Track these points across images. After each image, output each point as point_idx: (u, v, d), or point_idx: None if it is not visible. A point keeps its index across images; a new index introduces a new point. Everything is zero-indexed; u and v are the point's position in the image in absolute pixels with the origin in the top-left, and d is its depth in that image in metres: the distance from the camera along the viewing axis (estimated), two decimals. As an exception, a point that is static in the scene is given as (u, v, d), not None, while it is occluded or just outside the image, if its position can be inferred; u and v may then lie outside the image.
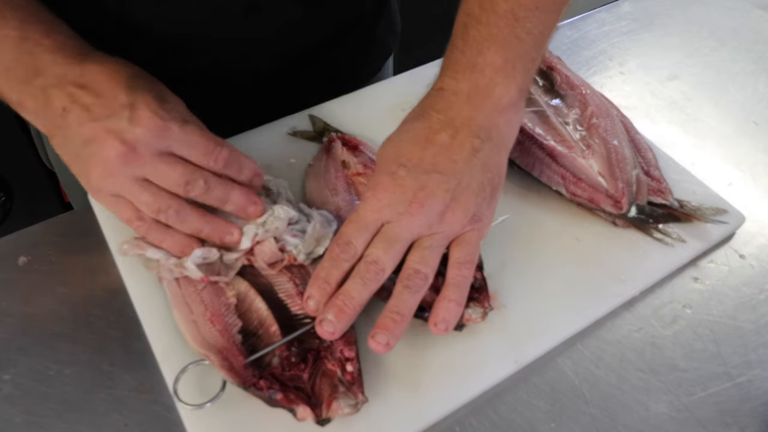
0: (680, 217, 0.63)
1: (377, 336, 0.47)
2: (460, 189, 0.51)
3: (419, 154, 0.52)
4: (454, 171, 0.51)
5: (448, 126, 0.52)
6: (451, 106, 0.53)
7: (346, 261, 0.50)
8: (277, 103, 0.73)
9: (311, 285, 0.50)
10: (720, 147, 0.73)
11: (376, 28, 0.83)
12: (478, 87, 0.53)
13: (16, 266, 0.58)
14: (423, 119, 0.54)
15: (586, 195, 0.63)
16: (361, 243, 0.50)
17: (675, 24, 0.90)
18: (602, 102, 0.69)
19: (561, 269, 0.59)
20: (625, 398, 0.52)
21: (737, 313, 0.58)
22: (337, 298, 0.48)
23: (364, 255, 0.50)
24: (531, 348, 0.54)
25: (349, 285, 0.49)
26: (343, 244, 0.50)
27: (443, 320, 0.49)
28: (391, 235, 0.50)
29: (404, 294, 0.49)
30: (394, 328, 0.48)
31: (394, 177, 0.51)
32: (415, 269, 0.49)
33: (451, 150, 0.51)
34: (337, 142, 0.67)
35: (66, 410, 0.50)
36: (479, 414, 0.51)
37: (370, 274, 0.49)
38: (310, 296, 0.49)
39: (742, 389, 0.53)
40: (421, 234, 0.51)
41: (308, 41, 0.75)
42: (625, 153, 0.64)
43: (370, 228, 0.50)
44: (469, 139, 0.52)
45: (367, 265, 0.49)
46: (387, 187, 0.51)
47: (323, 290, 0.49)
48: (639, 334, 0.57)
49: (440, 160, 0.51)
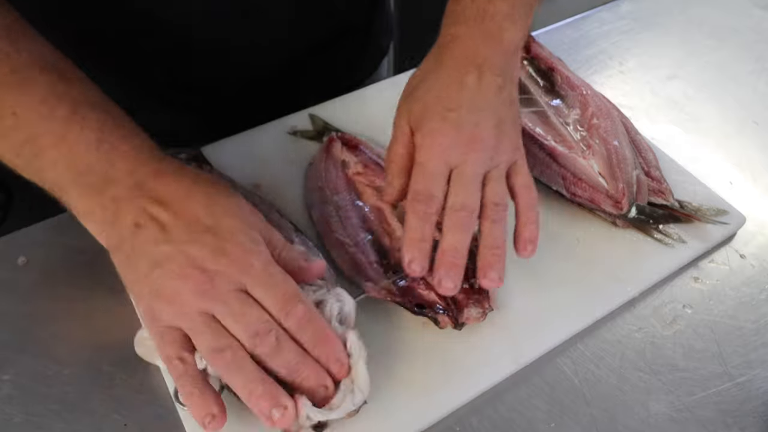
0: (681, 217, 0.63)
1: (488, 274, 0.49)
2: (501, 122, 0.54)
3: (457, 97, 0.53)
4: (492, 107, 0.54)
5: (472, 69, 0.54)
6: (468, 50, 0.55)
7: (434, 214, 0.51)
8: (276, 103, 0.73)
9: (409, 248, 0.50)
10: (720, 146, 0.73)
11: (371, 29, 0.83)
12: (490, 32, 0.55)
13: (16, 266, 0.58)
14: (446, 66, 0.55)
15: (587, 195, 0.62)
16: (440, 192, 0.51)
17: (675, 23, 0.90)
18: (603, 103, 0.69)
19: (561, 269, 0.59)
20: (626, 398, 0.52)
21: (738, 313, 0.58)
22: (446, 255, 0.49)
23: (448, 205, 0.51)
24: (531, 348, 0.54)
25: (450, 238, 0.50)
26: (425, 199, 0.50)
27: (530, 241, 0.52)
28: (467, 177, 0.51)
29: (494, 228, 0.51)
30: (498, 262, 0.50)
31: (447, 120, 0.52)
32: (495, 202, 0.51)
33: (482, 90, 0.54)
34: (337, 142, 0.67)
35: (65, 410, 0.50)
36: (479, 414, 0.51)
37: (463, 221, 0.50)
38: (412, 259, 0.50)
39: (743, 389, 0.53)
40: (487, 168, 0.52)
41: (306, 42, 0.75)
42: (625, 153, 0.64)
43: (442, 175, 0.51)
44: (494, 78, 0.54)
45: (457, 214, 0.50)
46: (444, 132, 0.52)
47: (424, 250, 0.50)
48: (639, 334, 0.56)
49: (478, 99, 0.53)
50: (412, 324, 0.55)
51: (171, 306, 0.44)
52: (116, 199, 0.45)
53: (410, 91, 0.56)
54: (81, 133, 0.45)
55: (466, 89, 0.54)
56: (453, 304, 0.53)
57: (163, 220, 0.45)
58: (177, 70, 0.70)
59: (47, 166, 0.45)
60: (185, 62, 0.69)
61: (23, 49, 0.45)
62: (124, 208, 0.45)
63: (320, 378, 0.45)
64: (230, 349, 0.43)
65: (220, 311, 0.44)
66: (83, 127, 0.45)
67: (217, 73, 0.72)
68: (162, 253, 0.44)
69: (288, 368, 0.44)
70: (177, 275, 0.44)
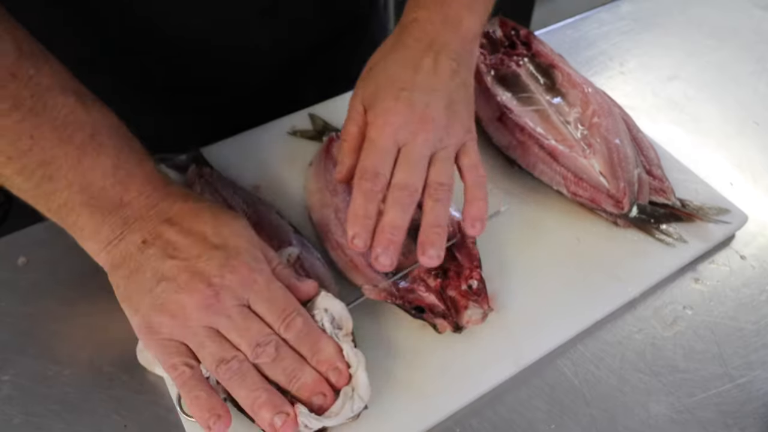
0: (682, 216, 0.62)
1: (428, 251, 0.50)
2: (453, 104, 0.55)
3: (412, 78, 0.54)
4: (445, 89, 0.55)
5: (428, 51, 0.56)
6: (428, 33, 0.56)
7: (379, 192, 0.51)
8: (276, 103, 0.73)
9: (352, 224, 0.51)
10: (721, 147, 0.73)
11: (369, 26, 0.83)
12: (448, 17, 0.57)
13: (16, 266, 0.58)
14: (404, 47, 0.57)
15: (588, 195, 0.62)
16: (387, 171, 0.52)
17: (675, 24, 0.90)
18: (604, 100, 0.69)
19: (561, 269, 0.59)
20: (626, 399, 0.52)
21: (738, 314, 0.58)
22: (384, 232, 0.50)
23: (392, 182, 0.52)
24: (531, 349, 0.54)
25: (391, 215, 0.50)
26: (371, 176, 0.51)
27: (478, 219, 0.53)
28: (413, 156, 0.52)
29: (436, 207, 0.51)
30: (438, 240, 0.50)
31: (400, 99, 0.53)
32: (440, 182, 0.52)
33: (437, 72, 0.55)
34: (337, 142, 0.66)
35: (65, 411, 0.50)
36: (479, 415, 0.51)
37: (405, 199, 0.51)
38: (355, 235, 0.50)
39: (743, 390, 0.53)
40: (435, 148, 0.53)
41: (307, 42, 0.75)
42: (626, 152, 0.64)
43: (390, 153, 0.52)
44: (448, 62, 0.55)
45: (400, 192, 0.51)
46: (396, 110, 0.53)
47: (366, 226, 0.50)
48: (639, 335, 0.56)
49: (432, 81, 0.55)
50: (411, 325, 0.54)
51: (174, 319, 0.45)
52: (127, 220, 0.47)
53: (367, 72, 0.57)
54: (97, 159, 0.47)
55: (420, 71, 0.55)
56: (452, 307, 0.53)
57: (171, 238, 0.47)
58: (177, 73, 0.70)
59: (61, 188, 0.46)
60: (185, 65, 0.69)
61: (45, 74, 0.46)
62: (134, 227, 0.47)
63: (318, 386, 0.46)
64: (235, 359, 0.45)
65: (225, 325, 0.45)
66: (100, 153, 0.47)
67: (217, 74, 0.72)
68: (169, 268, 0.45)
69: (286, 375, 0.46)
70: (183, 289, 0.45)
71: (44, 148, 0.45)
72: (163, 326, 0.45)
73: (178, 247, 0.46)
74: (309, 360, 0.47)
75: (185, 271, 0.45)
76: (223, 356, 0.45)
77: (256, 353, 0.45)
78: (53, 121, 0.45)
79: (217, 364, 0.45)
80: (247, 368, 0.45)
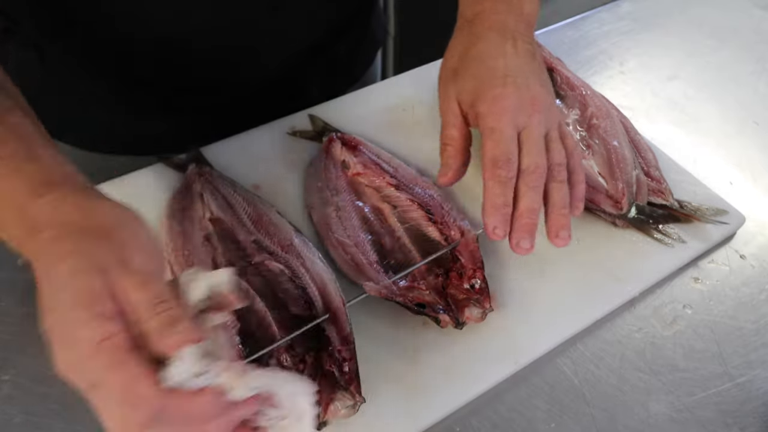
0: (680, 217, 0.63)
1: (560, 233, 0.51)
2: (545, 84, 0.56)
3: (505, 64, 0.54)
4: (534, 72, 0.55)
5: (506, 38, 0.56)
6: (496, 22, 0.57)
7: (512, 179, 0.51)
8: (276, 103, 0.74)
9: (492, 214, 0.50)
10: (720, 147, 0.73)
11: (369, 20, 0.83)
12: (512, 4, 0.58)
13: (16, 266, 0.58)
14: (482, 39, 0.56)
15: (587, 196, 0.62)
16: (516, 156, 0.52)
17: (675, 24, 0.90)
18: (602, 103, 0.69)
19: (561, 269, 0.59)
20: (626, 398, 0.52)
21: (738, 313, 0.58)
22: (523, 218, 0.50)
23: (522, 167, 0.51)
24: (531, 348, 0.54)
25: (527, 201, 0.51)
26: (504, 164, 0.51)
27: (580, 199, 0.54)
28: (535, 137, 0.52)
29: (561, 189, 0.52)
30: (567, 221, 0.51)
31: (508, 85, 0.53)
32: (559, 162, 0.52)
33: (520, 56, 0.55)
34: (337, 142, 0.67)
35: (66, 410, 0.50)
36: (479, 414, 0.51)
37: (538, 182, 0.51)
38: (496, 226, 0.50)
39: (743, 389, 0.53)
40: (547, 128, 0.53)
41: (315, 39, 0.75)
42: (625, 153, 0.64)
43: (514, 138, 0.52)
44: (525, 45, 0.56)
45: (531, 176, 0.51)
46: (508, 95, 0.53)
47: (506, 215, 0.51)
48: (639, 335, 0.56)
49: (521, 64, 0.55)
50: (412, 324, 0.55)
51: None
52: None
53: (451, 75, 0.57)
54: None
55: (509, 57, 0.55)
56: (453, 304, 0.53)
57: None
58: (178, 74, 0.70)
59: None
60: (185, 65, 0.69)
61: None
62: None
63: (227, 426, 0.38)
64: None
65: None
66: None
67: (217, 74, 0.72)
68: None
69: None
70: None
71: None
72: None
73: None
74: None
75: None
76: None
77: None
78: None
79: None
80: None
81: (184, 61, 0.68)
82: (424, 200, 0.61)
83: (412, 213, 0.60)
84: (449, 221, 0.59)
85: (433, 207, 0.60)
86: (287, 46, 0.73)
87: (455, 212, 0.60)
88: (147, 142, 0.69)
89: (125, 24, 0.63)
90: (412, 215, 0.60)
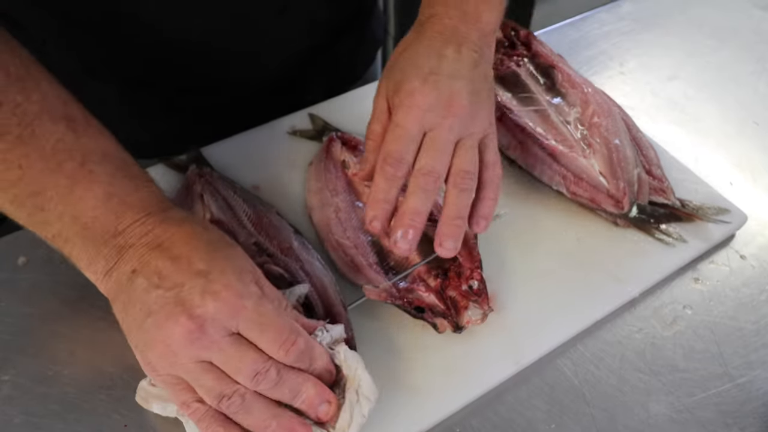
0: (682, 216, 0.62)
1: (445, 243, 0.50)
2: (478, 93, 0.54)
3: (437, 65, 0.53)
4: (469, 78, 0.54)
5: (450, 42, 0.55)
6: (447, 27, 0.56)
7: (401, 178, 0.51)
8: (277, 103, 0.73)
9: (372, 207, 0.51)
10: (720, 147, 0.73)
11: (370, 20, 0.84)
12: (467, 13, 0.56)
13: (16, 266, 0.58)
14: (426, 39, 0.56)
15: (587, 195, 0.62)
16: (411, 156, 0.51)
17: (675, 24, 0.90)
18: (604, 100, 0.69)
19: (561, 269, 0.59)
20: (626, 399, 0.52)
21: (738, 314, 0.58)
22: (405, 217, 0.50)
23: (417, 167, 0.51)
24: (531, 349, 0.54)
25: (413, 201, 0.50)
26: (395, 162, 0.51)
27: (485, 217, 0.53)
28: (440, 141, 0.51)
29: (461, 197, 0.51)
30: (458, 232, 0.50)
31: (428, 82, 0.52)
32: (466, 170, 0.51)
33: (460, 61, 0.54)
34: (337, 142, 0.67)
35: (65, 411, 0.50)
36: (480, 415, 0.51)
37: (429, 186, 0.50)
38: (374, 218, 0.50)
39: (743, 390, 0.53)
40: (461, 135, 0.52)
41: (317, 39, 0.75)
42: (626, 152, 0.64)
43: (416, 138, 0.51)
44: (470, 53, 0.55)
45: (425, 177, 0.50)
46: (423, 92, 0.52)
47: (386, 210, 0.51)
48: (639, 335, 0.56)
49: (456, 68, 0.54)
50: (412, 326, 0.54)
51: (164, 358, 0.43)
52: (121, 249, 0.44)
53: (389, 67, 0.57)
54: (89, 188, 0.44)
55: (444, 59, 0.54)
56: (452, 307, 0.53)
57: (158, 265, 0.43)
58: (179, 75, 0.70)
59: (53, 219, 0.44)
60: (186, 65, 0.69)
61: (34, 100, 0.44)
62: (126, 256, 0.44)
63: (321, 394, 0.44)
64: (236, 394, 0.43)
65: (218, 359, 0.43)
66: (91, 180, 0.44)
67: (219, 75, 0.72)
68: (154, 300, 0.43)
69: (291, 393, 0.44)
70: (165, 324, 0.42)
71: (33, 178, 0.43)
72: (158, 365, 0.43)
73: (163, 275, 0.43)
74: (306, 370, 0.45)
75: (168, 303, 0.42)
76: (221, 392, 0.43)
77: (256, 381, 0.43)
78: (41, 150, 0.43)
79: (219, 400, 0.43)
80: (251, 400, 0.43)
81: (185, 61, 0.68)
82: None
83: (412, 213, 0.60)
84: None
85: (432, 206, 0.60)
86: (288, 47, 0.73)
87: None
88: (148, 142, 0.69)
89: (127, 25, 0.63)
90: (412, 215, 0.60)
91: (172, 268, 0.43)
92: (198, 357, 0.42)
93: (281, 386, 0.43)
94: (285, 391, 0.44)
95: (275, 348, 0.43)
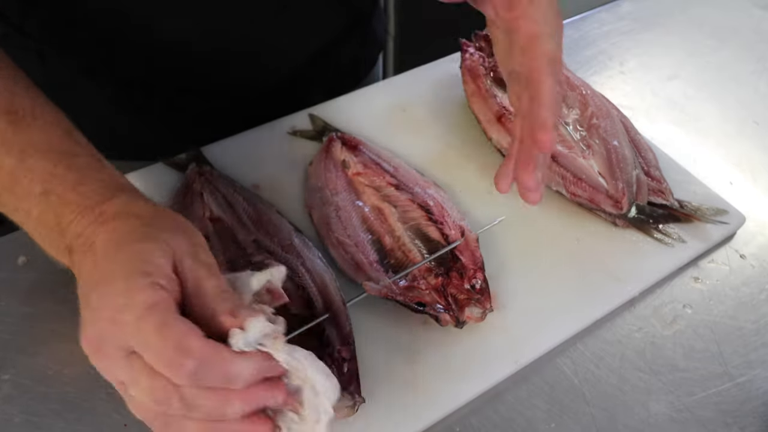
0: (680, 217, 0.63)
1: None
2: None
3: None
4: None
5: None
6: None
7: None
8: (278, 104, 0.74)
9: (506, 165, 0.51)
10: (720, 146, 0.73)
11: (371, 21, 0.84)
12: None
13: (16, 266, 0.58)
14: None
15: (587, 195, 0.62)
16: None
17: (675, 24, 0.90)
18: (602, 102, 0.69)
19: (561, 269, 0.59)
20: (626, 398, 0.52)
21: (738, 313, 0.58)
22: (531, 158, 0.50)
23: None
24: (531, 348, 0.54)
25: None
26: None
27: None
28: (556, 58, 0.53)
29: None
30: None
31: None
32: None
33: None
34: (337, 142, 0.67)
35: (66, 410, 0.50)
36: (480, 414, 0.51)
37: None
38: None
39: (743, 389, 0.53)
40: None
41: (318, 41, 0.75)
42: (625, 153, 0.64)
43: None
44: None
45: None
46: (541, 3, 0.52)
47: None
48: (639, 334, 0.56)
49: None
50: (412, 324, 0.55)
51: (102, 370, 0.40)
52: (70, 250, 0.42)
53: None
54: (29, 186, 0.42)
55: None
56: (454, 303, 0.53)
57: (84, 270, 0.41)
58: (179, 77, 0.70)
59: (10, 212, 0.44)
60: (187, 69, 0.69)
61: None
62: (72, 259, 0.42)
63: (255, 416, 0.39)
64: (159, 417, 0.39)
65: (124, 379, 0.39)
66: (31, 179, 0.42)
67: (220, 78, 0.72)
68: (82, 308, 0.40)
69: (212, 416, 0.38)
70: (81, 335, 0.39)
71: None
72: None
73: (84, 282, 0.40)
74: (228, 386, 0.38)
75: (82, 310, 0.40)
76: (145, 417, 0.39)
77: (163, 410, 0.38)
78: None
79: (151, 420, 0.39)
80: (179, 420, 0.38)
81: (185, 62, 0.68)
82: (424, 200, 0.61)
83: (412, 213, 0.60)
84: (449, 221, 0.59)
85: (433, 207, 0.60)
86: (288, 49, 0.73)
87: (455, 212, 0.60)
88: (148, 144, 0.69)
89: (126, 26, 0.63)
90: (412, 215, 0.60)
91: (85, 278, 0.41)
92: (110, 376, 0.39)
93: (195, 412, 0.37)
94: (202, 416, 0.38)
95: (166, 371, 0.37)
